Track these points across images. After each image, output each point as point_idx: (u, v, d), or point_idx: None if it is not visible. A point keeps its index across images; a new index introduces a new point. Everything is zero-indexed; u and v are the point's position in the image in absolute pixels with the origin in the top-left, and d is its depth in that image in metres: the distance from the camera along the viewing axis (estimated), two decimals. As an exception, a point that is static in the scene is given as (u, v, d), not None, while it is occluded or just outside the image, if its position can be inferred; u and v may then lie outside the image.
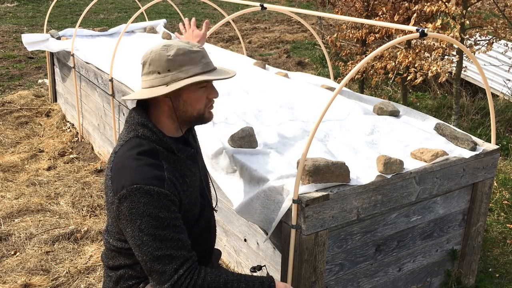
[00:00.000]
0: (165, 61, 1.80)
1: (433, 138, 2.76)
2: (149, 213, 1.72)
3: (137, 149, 1.81)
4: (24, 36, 5.50)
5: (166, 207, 1.75)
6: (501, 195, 4.11)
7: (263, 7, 3.34)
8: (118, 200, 1.76)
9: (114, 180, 1.80)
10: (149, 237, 1.73)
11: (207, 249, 2.11)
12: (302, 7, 14.10)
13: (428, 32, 2.25)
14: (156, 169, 1.79)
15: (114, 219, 1.85)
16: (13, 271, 3.13)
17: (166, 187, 1.77)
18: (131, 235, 1.76)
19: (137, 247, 1.76)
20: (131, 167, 1.77)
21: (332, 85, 3.82)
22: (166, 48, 1.83)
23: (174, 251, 1.75)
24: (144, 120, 1.86)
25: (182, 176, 1.89)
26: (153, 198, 1.73)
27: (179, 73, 1.80)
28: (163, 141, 1.85)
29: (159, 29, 6.21)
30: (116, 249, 1.96)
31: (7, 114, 5.87)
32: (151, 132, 1.85)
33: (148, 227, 1.72)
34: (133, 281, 1.97)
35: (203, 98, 1.88)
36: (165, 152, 1.86)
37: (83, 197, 4.05)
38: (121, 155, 1.83)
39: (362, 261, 2.47)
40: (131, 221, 1.74)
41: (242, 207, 2.38)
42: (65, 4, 13.86)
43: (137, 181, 1.73)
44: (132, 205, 1.73)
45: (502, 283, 3.16)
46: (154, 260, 1.74)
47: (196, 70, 1.82)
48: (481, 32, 5.03)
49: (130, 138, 1.86)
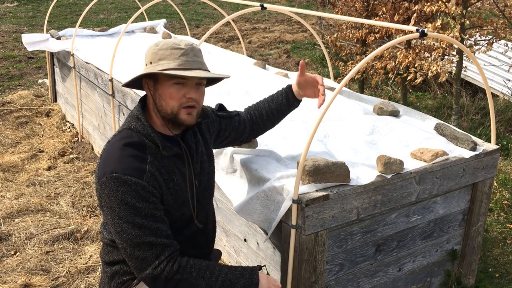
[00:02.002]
0: (151, 54, 1.89)
1: (433, 138, 2.76)
2: (126, 202, 1.77)
3: (125, 140, 1.87)
4: (24, 36, 5.50)
5: (143, 197, 1.79)
6: (501, 195, 4.11)
7: (263, 7, 3.34)
8: (100, 187, 1.82)
9: (99, 167, 1.87)
10: (128, 225, 1.78)
11: (201, 253, 2.11)
12: (302, 7, 14.10)
13: (428, 32, 2.25)
14: (138, 161, 1.83)
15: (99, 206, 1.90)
16: (13, 271, 3.13)
17: (145, 179, 1.81)
18: (112, 222, 1.82)
19: (117, 234, 1.81)
20: (115, 156, 1.84)
21: (332, 85, 3.82)
22: (158, 43, 1.91)
23: (154, 239, 1.79)
24: (139, 114, 1.92)
25: (168, 173, 1.91)
26: (131, 188, 1.78)
27: (156, 66, 1.86)
28: (151, 136, 1.89)
29: (159, 29, 6.21)
30: (110, 243, 2.00)
31: (7, 114, 5.87)
32: (142, 126, 1.90)
33: (127, 215, 1.78)
34: (127, 277, 2.00)
35: (177, 95, 1.86)
36: (153, 147, 1.89)
37: (83, 197, 4.05)
38: (111, 145, 1.91)
39: (362, 261, 2.47)
40: (111, 208, 1.80)
41: (242, 207, 2.38)
42: (65, 4, 13.86)
43: (117, 170, 1.79)
44: (111, 193, 1.78)
45: (502, 283, 3.16)
46: (134, 246, 1.79)
47: (170, 65, 1.84)
48: (481, 32, 5.03)
49: (123, 129, 1.93)
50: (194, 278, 1.82)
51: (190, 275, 1.82)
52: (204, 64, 1.93)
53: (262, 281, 1.92)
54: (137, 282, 1.98)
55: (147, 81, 1.92)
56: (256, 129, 2.46)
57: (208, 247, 2.21)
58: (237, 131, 2.39)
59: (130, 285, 2.00)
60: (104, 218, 1.95)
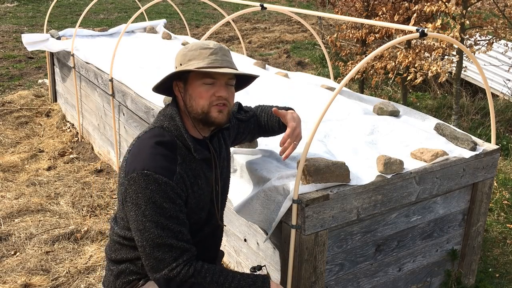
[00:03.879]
0: (180, 56, 1.91)
1: (433, 138, 2.76)
2: (154, 200, 1.76)
3: (157, 138, 1.87)
4: (24, 36, 5.50)
5: (171, 198, 1.79)
6: (501, 195, 4.11)
7: (263, 7, 3.34)
8: (127, 182, 1.81)
9: (128, 162, 1.85)
10: (151, 224, 1.77)
11: (209, 256, 2.11)
12: (302, 7, 14.10)
13: (428, 32, 2.25)
14: (169, 161, 1.83)
15: (121, 201, 1.88)
16: (13, 271, 3.13)
17: (175, 180, 1.81)
18: (135, 219, 1.79)
19: (138, 231, 1.79)
20: (146, 153, 1.83)
21: (332, 85, 3.82)
22: (187, 46, 1.93)
23: (175, 241, 1.78)
24: (174, 114, 1.91)
25: (194, 176, 1.91)
26: (160, 188, 1.77)
27: (185, 66, 1.87)
28: (183, 137, 1.89)
29: (159, 29, 6.21)
30: (120, 240, 1.98)
31: (7, 114, 5.87)
32: (175, 126, 1.90)
33: (152, 214, 1.76)
34: (133, 277, 1.99)
35: (207, 95, 1.88)
36: (183, 148, 1.90)
37: (83, 197, 4.05)
38: (141, 141, 1.89)
39: (362, 261, 2.47)
40: (136, 205, 1.78)
41: (242, 207, 2.38)
42: (65, 4, 13.86)
43: (148, 168, 1.78)
44: (139, 189, 1.77)
45: (502, 283, 3.16)
46: (154, 246, 1.77)
47: (200, 64, 1.85)
48: (481, 32, 5.03)
49: (155, 127, 1.92)
50: (208, 282, 1.82)
51: (204, 280, 1.81)
52: (233, 63, 1.93)
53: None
54: (143, 283, 1.96)
55: (177, 83, 1.93)
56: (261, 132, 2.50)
57: (217, 250, 2.22)
58: (251, 133, 2.42)
59: (136, 286, 1.98)
60: (121, 213, 1.93)
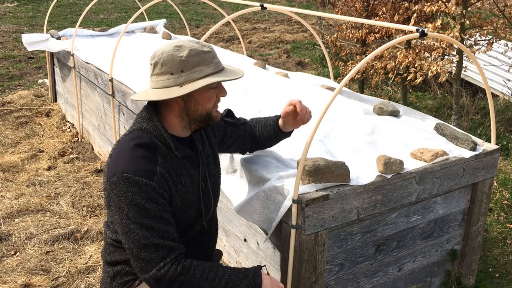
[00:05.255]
0: (178, 62, 1.82)
1: (433, 138, 2.76)
2: (136, 202, 1.77)
3: (136, 141, 1.87)
4: (24, 36, 5.50)
5: (153, 199, 1.80)
6: (501, 195, 4.11)
7: (263, 7, 3.34)
8: (109, 186, 1.82)
9: (109, 167, 1.86)
10: (136, 225, 1.78)
11: (204, 254, 2.11)
12: (302, 7, 14.10)
13: (428, 32, 2.25)
14: (149, 162, 1.83)
15: (107, 206, 1.89)
16: (13, 271, 3.13)
17: (156, 181, 1.81)
18: (119, 222, 1.81)
19: (124, 234, 1.81)
20: (125, 156, 1.83)
21: (332, 85, 3.82)
22: (178, 48, 1.84)
23: (161, 241, 1.79)
24: (151, 115, 1.91)
25: (177, 175, 1.91)
26: (141, 189, 1.78)
27: (193, 73, 1.83)
28: (163, 137, 1.89)
29: (159, 29, 6.21)
30: (113, 243, 2.00)
31: (7, 114, 5.87)
32: (154, 127, 1.89)
33: (135, 216, 1.78)
34: (129, 277, 2.00)
35: (213, 98, 1.93)
36: (164, 148, 1.89)
37: (83, 197, 4.05)
38: (121, 144, 1.90)
39: (362, 261, 2.47)
40: (120, 208, 1.79)
41: (242, 207, 2.38)
42: (65, 4, 13.86)
43: (127, 171, 1.79)
44: (121, 193, 1.78)
45: (502, 283, 3.16)
46: (140, 248, 1.79)
47: (209, 70, 1.86)
48: (481, 32, 5.03)
49: (134, 129, 1.92)
50: (198, 279, 1.82)
51: (193, 277, 1.82)
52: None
53: (265, 282, 1.92)
54: (138, 283, 1.98)
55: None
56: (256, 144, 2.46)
57: (211, 248, 2.22)
58: (241, 141, 2.39)
59: (132, 286, 2.00)
60: (110, 218, 1.95)
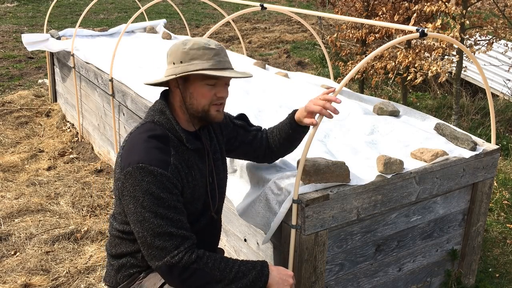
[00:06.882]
0: (180, 53, 1.91)
1: (433, 138, 2.76)
2: (151, 192, 1.80)
3: (149, 133, 1.91)
4: (24, 36, 5.50)
5: (168, 188, 1.83)
6: (501, 195, 4.11)
7: (263, 7, 3.34)
8: (123, 176, 1.85)
9: (123, 158, 1.90)
10: (150, 214, 1.80)
11: (208, 248, 2.12)
12: (302, 7, 14.10)
13: (428, 32, 2.25)
14: (163, 153, 1.87)
15: (118, 196, 1.92)
16: (13, 271, 3.13)
17: (170, 171, 1.85)
18: (133, 211, 1.83)
19: (138, 223, 1.83)
20: (140, 147, 1.87)
21: (332, 85, 3.82)
22: (186, 42, 1.93)
23: (175, 230, 1.82)
24: (163, 107, 1.97)
25: (188, 167, 1.95)
26: (156, 179, 1.81)
27: (189, 65, 1.89)
28: (175, 129, 1.94)
29: (159, 29, 6.21)
30: (120, 235, 2.02)
31: (7, 114, 5.87)
32: (166, 119, 1.95)
33: (150, 205, 1.80)
34: (134, 270, 2.03)
35: (209, 95, 1.94)
36: (175, 140, 1.94)
37: (83, 197, 4.05)
38: (134, 136, 1.94)
39: (362, 261, 2.47)
40: (134, 197, 1.82)
41: (245, 210, 2.38)
42: (65, 4, 13.86)
43: (143, 161, 1.82)
44: (136, 182, 1.81)
45: (502, 283, 3.16)
46: (155, 236, 1.81)
47: (205, 65, 1.89)
48: (481, 32, 5.03)
49: (146, 122, 1.97)
50: (210, 268, 1.85)
51: (206, 266, 1.84)
52: (231, 63, 2.00)
53: (272, 273, 1.94)
54: (144, 275, 2.00)
55: (177, 79, 1.95)
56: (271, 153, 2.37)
57: (215, 243, 2.25)
58: (250, 145, 2.34)
59: (137, 278, 2.02)
60: (119, 209, 1.98)
